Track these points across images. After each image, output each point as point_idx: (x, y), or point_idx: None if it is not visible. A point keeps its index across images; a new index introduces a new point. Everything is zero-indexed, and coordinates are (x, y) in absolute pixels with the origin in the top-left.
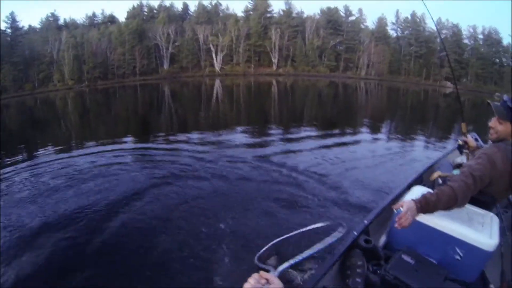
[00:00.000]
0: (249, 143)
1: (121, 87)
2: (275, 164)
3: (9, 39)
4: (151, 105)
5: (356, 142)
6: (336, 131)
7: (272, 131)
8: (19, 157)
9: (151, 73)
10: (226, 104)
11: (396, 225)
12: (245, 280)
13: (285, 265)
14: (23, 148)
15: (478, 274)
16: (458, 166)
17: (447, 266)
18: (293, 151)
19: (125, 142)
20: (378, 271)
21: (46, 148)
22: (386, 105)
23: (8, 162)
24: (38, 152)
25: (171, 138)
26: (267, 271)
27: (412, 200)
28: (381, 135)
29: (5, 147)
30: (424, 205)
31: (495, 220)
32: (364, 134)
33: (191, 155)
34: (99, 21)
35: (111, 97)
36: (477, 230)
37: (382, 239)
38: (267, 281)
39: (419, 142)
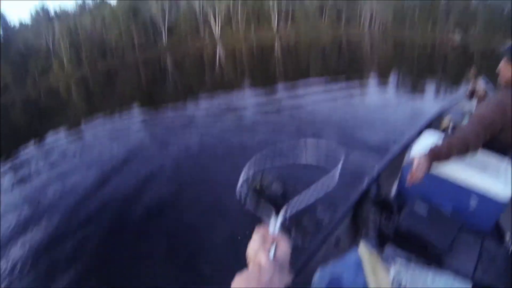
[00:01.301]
0: (259, 102)
1: (122, 66)
2: (285, 115)
3: (2, 40)
4: (154, 80)
5: (365, 93)
6: (343, 84)
7: (280, 88)
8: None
9: (151, 48)
10: (230, 69)
11: (407, 183)
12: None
13: (290, 210)
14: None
15: (493, 224)
16: (468, 113)
17: (461, 216)
18: (301, 101)
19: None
20: (391, 223)
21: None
22: (392, 57)
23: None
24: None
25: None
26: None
27: (423, 154)
28: (390, 87)
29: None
30: (435, 157)
31: (510, 168)
32: (372, 87)
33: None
34: (91, 6)
35: (113, 76)
36: (492, 178)
37: (394, 189)
38: (273, 241)
39: (429, 93)
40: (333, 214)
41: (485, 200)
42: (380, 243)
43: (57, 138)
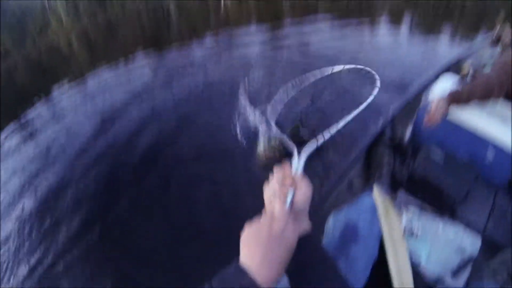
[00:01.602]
0: (265, 39)
1: (123, 14)
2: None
3: None
4: (157, 25)
5: (376, 33)
6: (354, 21)
7: (287, 24)
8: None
9: None
10: (235, 6)
11: (424, 124)
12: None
13: (311, 147)
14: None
15: (508, 178)
16: (490, 60)
17: (477, 166)
18: (310, 38)
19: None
20: (405, 168)
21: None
22: None
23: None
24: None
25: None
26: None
27: (445, 96)
28: (403, 28)
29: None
30: (455, 101)
31: None
32: (384, 27)
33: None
34: None
35: (114, 25)
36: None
37: (408, 133)
38: (293, 181)
39: (444, 37)
40: (346, 157)
41: (502, 153)
42: (393, 188)
43: (62, 92)
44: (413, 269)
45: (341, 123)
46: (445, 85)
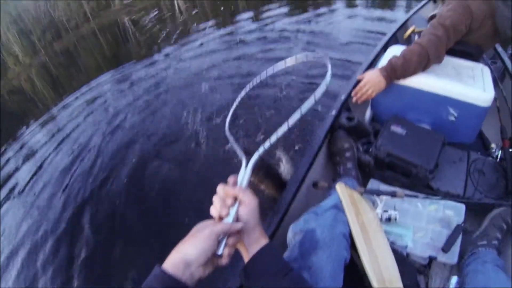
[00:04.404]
0: (222, 33)
1: (80, 39)
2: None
3: None
4: (116, 42)
5: (332, 11)
6: (310, 7)
7: (243, 23)
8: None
9: (104, 11)
10: (191, 13)
11: (353, 99)
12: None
13: (256, 156)
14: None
15: (476, 133)
16: (433, 18)
17: (442, 130)
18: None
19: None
20: (370, 150)
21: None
22: None
23: None
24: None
25: (148, 62)
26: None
27: (377, 69)
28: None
29: None
30: (392, 72)
31: (486, 71)
32: (339, 5)
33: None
34: None
35: (73, 52)
36: (469, 84)
37: (368, 113)
38: (235, 200)
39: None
40: (302, 153)
41: (465, 107)
42: (362, 177)
43: (30, 133)
44: (400, 257)
45: (280, 131)
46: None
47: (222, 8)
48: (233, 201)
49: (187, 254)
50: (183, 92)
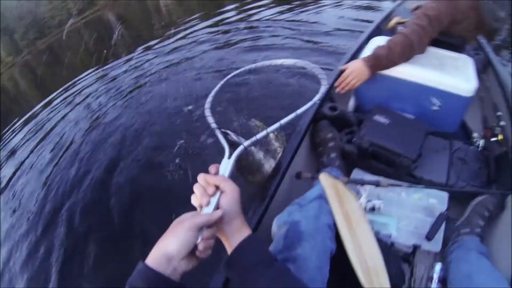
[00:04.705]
0: (212, 36)
1: (64, 37)
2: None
3: None
4: (101, 39)
5: (319, 6)
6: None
7: (229, 15)
8: None
9: (88, 7)
10: (176, 6)
11: (337, 90)
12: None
13: (238, 150)
14: None
15: (459, 123)
16: (417, 9)
17: (425, 119)
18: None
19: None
20: (353, 140)
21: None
22: None
23: None
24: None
25: (133, 58)
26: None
27: (361, 59)
28: None
29: None
30: (376, 62)
31: (469, 62)
32: None
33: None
34: None
35: (57, 51)
36: (452, 74)
37: (351, 103)
38: (217, 188)
39: None
40: (284, 144)
41: (448, 97)
42: (346, 167)
43: (12, 131)
44: (385, 246)
45: (270, 129)
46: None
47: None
48: (215, 190)
49: (168, 248)
50: (167, 86)
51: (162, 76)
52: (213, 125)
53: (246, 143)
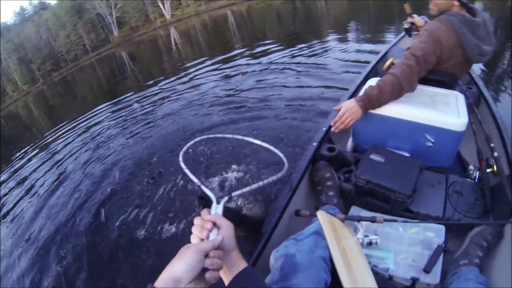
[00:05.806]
0: (220, 75)
1: (78, 70)
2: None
3: None
4: (113, 74)
5: (325, 50)
6: (303, 44)
7: (237, 57)
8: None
9: (103, 45)
10: (187, 47)
11: (332, 128)
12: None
13: (233, 194)
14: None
15: (454, 157)
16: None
17: (421, 156)
18: (264, 68)
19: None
20: (351, 178)
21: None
22: (348, 11)
23: None
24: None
25: (142, 94)
26: (209, 203)
27: (353, 99)
28: (348, 37)
29: None
30: (367, 101)
31: (460, 97)
32: (331, 42)
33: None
34: (31, 12)
35: (71, 83)
36: (443, 111)
37: (349, 143)
38: (214, 225)
39: (389, 35)
40: (284, 184)
41: (441, 133)
42: (344, 204)
43: (27, 162)
44: (383, 279)
45: (254, 186)
46: None
47: (215, 42)
48: (212, 226)
49: (175, 270)
50: (173, 124)
51: (165, 115)
52: (195, 180)
53: (234, 193)
